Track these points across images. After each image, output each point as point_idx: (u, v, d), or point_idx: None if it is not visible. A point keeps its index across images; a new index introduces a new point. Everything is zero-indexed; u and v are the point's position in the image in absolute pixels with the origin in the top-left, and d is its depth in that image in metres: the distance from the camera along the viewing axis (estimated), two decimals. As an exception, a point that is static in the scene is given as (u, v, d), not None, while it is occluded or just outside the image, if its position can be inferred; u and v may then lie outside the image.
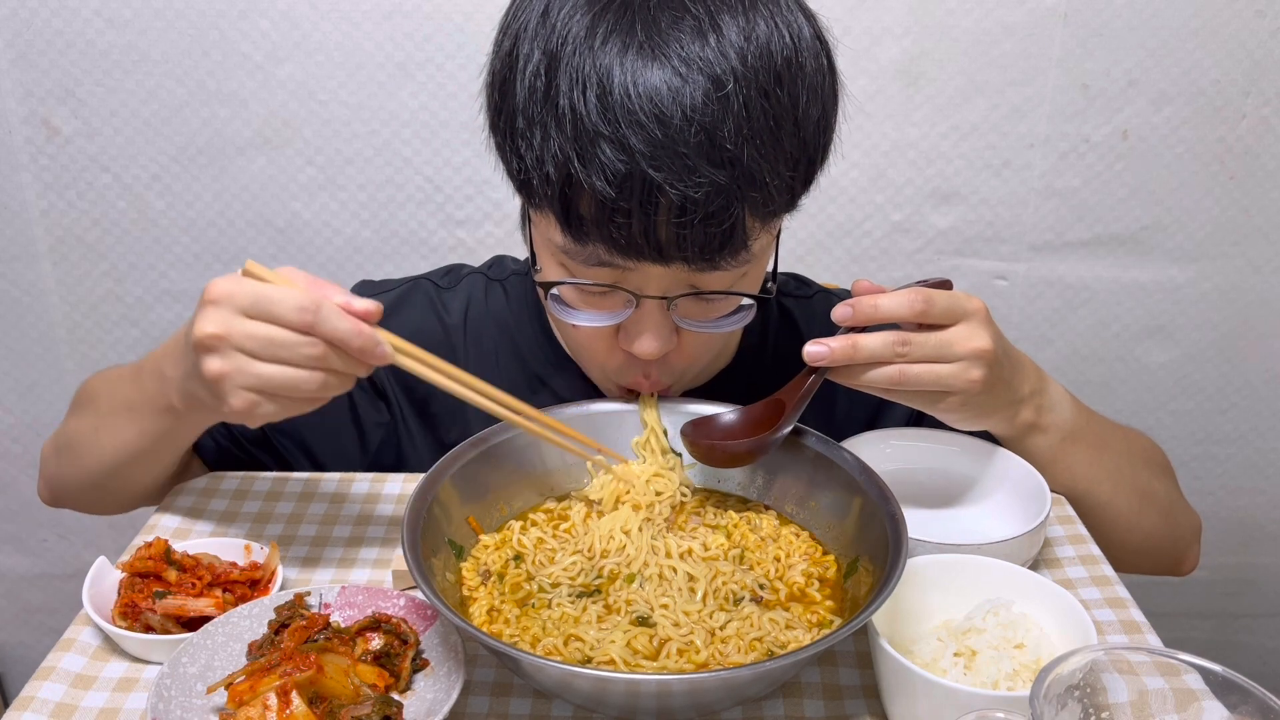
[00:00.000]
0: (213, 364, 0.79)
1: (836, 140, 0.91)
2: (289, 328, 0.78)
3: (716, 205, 0.80)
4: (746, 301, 0.93)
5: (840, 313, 0.87)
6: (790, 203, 0.88)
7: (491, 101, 0.90)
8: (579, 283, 0.90)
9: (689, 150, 0.79)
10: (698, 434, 0.93)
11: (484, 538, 0.89)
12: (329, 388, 0.81)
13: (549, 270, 0.92)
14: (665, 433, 0.96)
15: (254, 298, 0.78)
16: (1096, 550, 0.97)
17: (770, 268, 0.97)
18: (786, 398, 0.91)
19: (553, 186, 0.83)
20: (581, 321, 0.93)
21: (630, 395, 0.99)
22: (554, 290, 0.92)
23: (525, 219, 0.99)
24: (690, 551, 0.86)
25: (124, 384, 0.98)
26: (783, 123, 0.82)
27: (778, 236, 0.95)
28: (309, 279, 0.81)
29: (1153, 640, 0.85)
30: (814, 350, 0.86)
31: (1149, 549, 1.09)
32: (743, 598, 0.82)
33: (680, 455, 0.95)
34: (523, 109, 0.84)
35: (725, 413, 0.94)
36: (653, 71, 0.79)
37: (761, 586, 0.84)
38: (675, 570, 0.84)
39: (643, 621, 0.79)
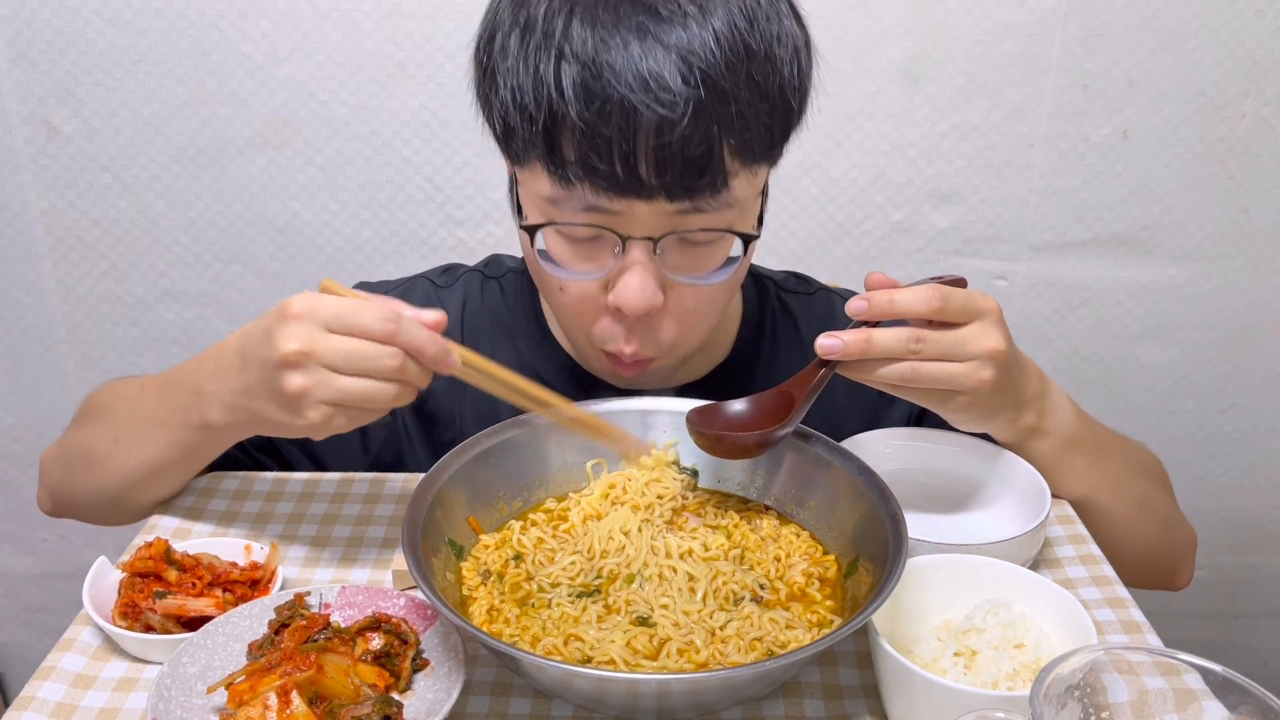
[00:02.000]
0: (295, 380, 0.80)
1: (813, 108, 0.94)
2: (372, 339, 0.79)
3: (693, 128, 0.82)
4: (734, 254, 0.94)
5: (855, 305, 0.87)
6: (769, 148, 0.90)
7: (477, 60, 0.92)
8: (567, 224, 0.90)
9: (664, 71, 0.82)
10: (703, 423, 0.92)
11: (484, 538, 0.89)
12: (401, 398, 0.82)
13: (540, 238, 0.94)
14: (695, 473, 0.96)
15: (335, 311, 0.80)
16: (1096, 550, 0.97)
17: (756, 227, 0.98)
18: (795, 390, 0.90)
19: (535, 124, 0.85)
20: (569, 276, 0.93)
21: (620, 367, 0.99)
22: (542, 247, 0.93)
23: (513, 189, 0.99)
24: (690, 552, 0.86)
25: (148, 397, 0.98)
26: (754, 56, 0.85)
27: (764, 198, 0.96)
28: (376, 296, 0.83)
29: (1153, 640, 0.85)
30: (827, 343, 0.86)
31: (1145, 558, 1.09)
32: (743, 597, 0.82)
33: (696, 474, 0.96)
34: (500, 46, 0.87)
35: (732, 402, 0.93)
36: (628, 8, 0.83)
37: (762, 586, 0.84)
38: (675, 570, 0.84)
39: (643, 621, 0.79)
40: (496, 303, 1.14)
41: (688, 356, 1.03)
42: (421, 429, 1.12)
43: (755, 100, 0.85)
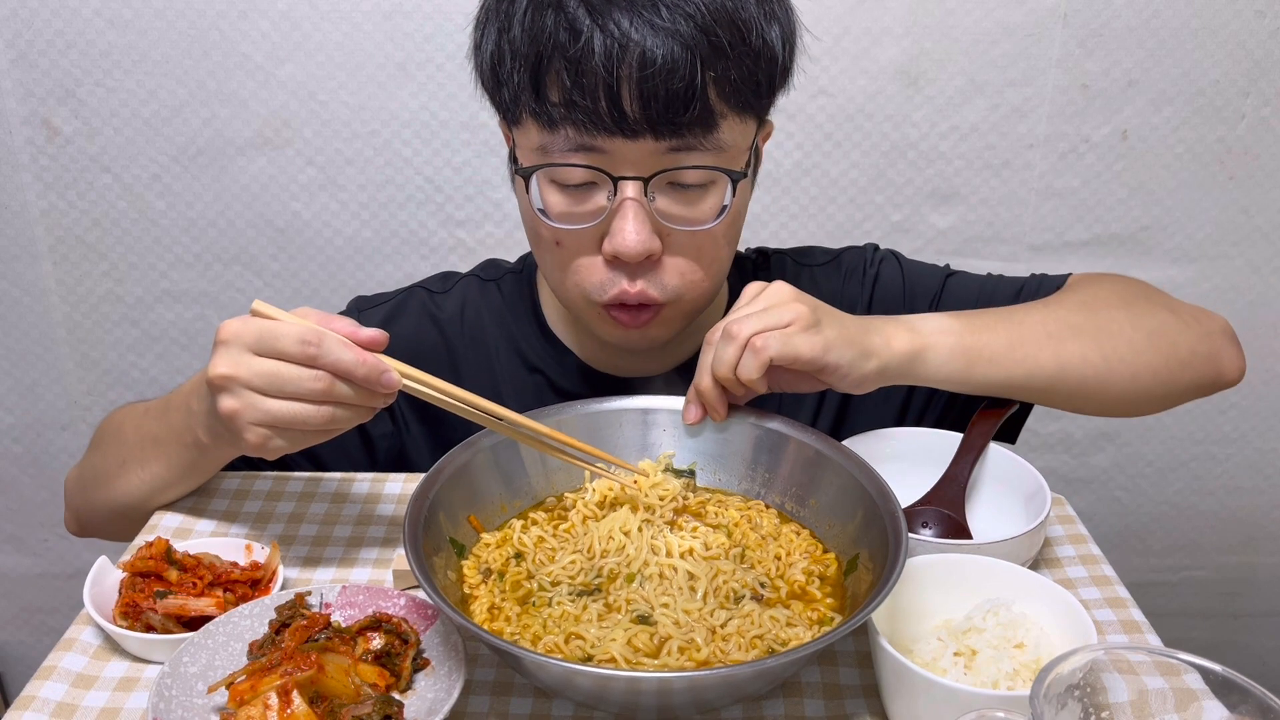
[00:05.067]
0: (225, 402, 0.82)
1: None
2: (293, 361, 0.80)
3: (677, 62, 0.86)
4: (726, 201, 0.95)
5: (692, 415, 0.92)
6: (756, 96, 0.92)
7: (475, 29, 0.96)
8: (557, 164, 0.92)
9: (651, 12, 0.86)
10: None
11: (485, 536, 0.89)
12: (338, 420, 0.83)
13: (535, 192, 0.96)
14: (692, 474, 0.96)
15: (259, 334, 0.81)
16: (1096, 550, 0.98)
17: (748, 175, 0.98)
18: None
19: (522, 70, 0.89)
20: (564, 225, 0.94)
21: (623, 325, 0.99)
22: (540, 206, 0.94)
23: (512, 161, 1.01)
24: (691, 551, 0.86)
25: (150, 419, 1.00)
26: (739, 2, 0.89)
27: (757, 159, 0.98)
28: (320, 315, 0.83)
29: (1153, 640, 0.85)
30: (693, 412, 0.92)
31: (1173, 379, 1.03)
32: (743, 596, 0.83)
33: (694, 474, 0.96)
34: (494, 9, 0.92)
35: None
36: None
37: (762, 585, 0.84)
38: (675, 569, 0.84)
39: (643, 620, 0.79)
40: (497, 305, 1.14)
41: (694, 311, 1.03)
42: (426, 435, 1.12)
43: (738, 43, 0.88)
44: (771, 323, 0.87)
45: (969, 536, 0.94)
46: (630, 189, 0.91)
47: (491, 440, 0.91)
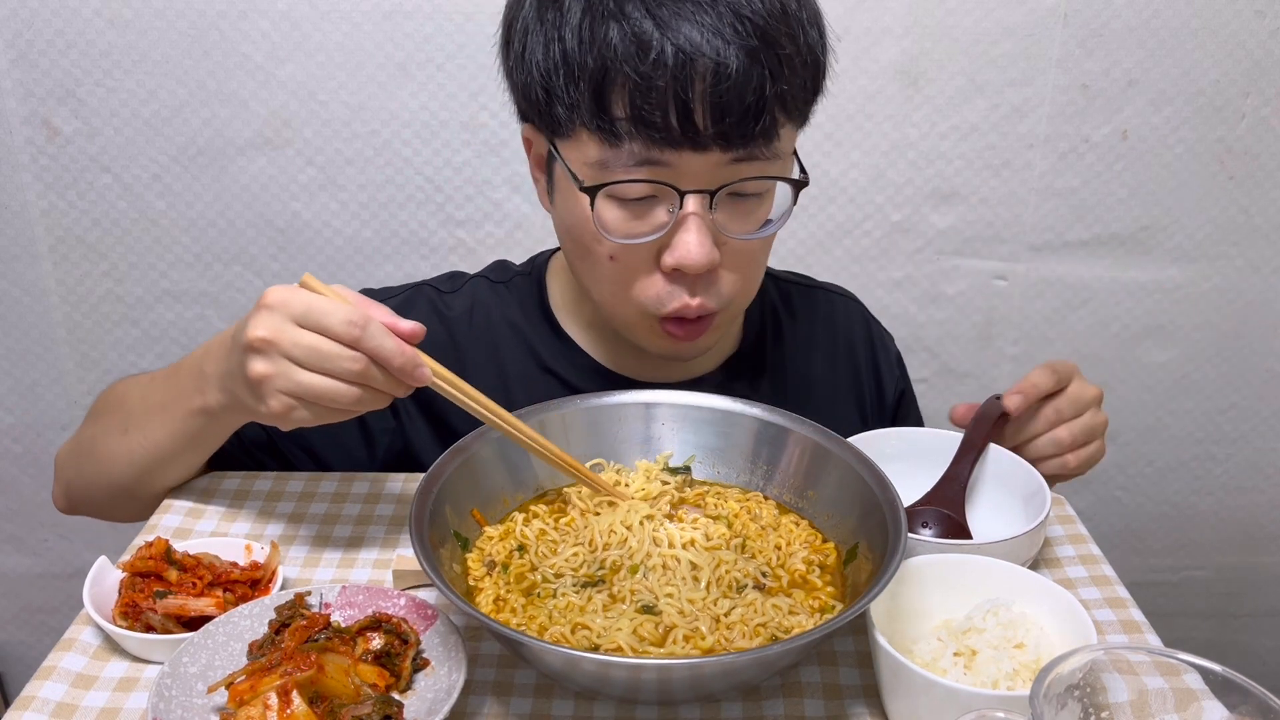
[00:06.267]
0: (258, 365, 0.82)
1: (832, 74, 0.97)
2: (336, 340, 0.80)
3: (748, 75, 0.85)
4: (775, 215, 0.97)
5: (1013, 402, 1.02)
6: (805, 103, 0.93)
7: (508, 35, 0.94)
8: (624, 181, 0.90)
9: (717, 21, 0.84)
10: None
11: (487, 529, 0.89)
12: (364, 403, 0.83)
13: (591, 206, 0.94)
14: (689, 469, 0.96)
15: (306, 307, 0.81)
16: (1096, 550, 0.98)
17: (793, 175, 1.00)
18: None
19: (581, 85, 0.86)
20: (625, 240, 0.93)
21: (676, 339, 0.99)
22: (598, 218, 0.92)
23: (549, 168, 0.98)
24: (693, 542, 0.87)
25: (155, 387, 0.99)
26: (789, 11, 0.88)
27: (796, 157, 0.99)
28: (359, 297, 0.84)
29: (1153, 640, 0.86)
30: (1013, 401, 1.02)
31: None
32: (745, 585, 0.83)
33: (690, 470, 0.96)
34: (537, 17, 0.89)
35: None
36: None
37: (763, 574, 0.85)
38: (678, 560, 0.85)
39: (648, 610, 0.80)
40: (507, 303, 1.15)
41: (739, 315, 1.06)
42: (430, 429, 1.12)
43: (794, 53, 0.88)
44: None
45: (969, 536, 0.95)
46: (693, 203, 0.90)
47: (494, 434, 0.91)
